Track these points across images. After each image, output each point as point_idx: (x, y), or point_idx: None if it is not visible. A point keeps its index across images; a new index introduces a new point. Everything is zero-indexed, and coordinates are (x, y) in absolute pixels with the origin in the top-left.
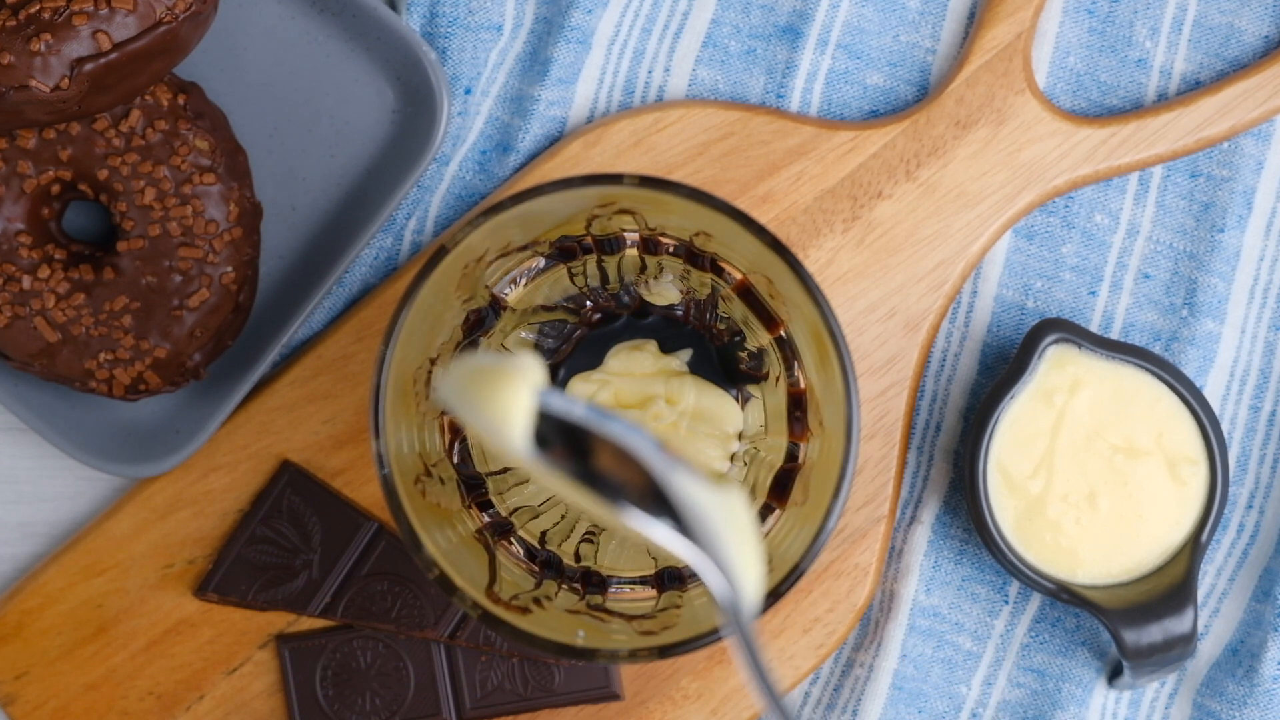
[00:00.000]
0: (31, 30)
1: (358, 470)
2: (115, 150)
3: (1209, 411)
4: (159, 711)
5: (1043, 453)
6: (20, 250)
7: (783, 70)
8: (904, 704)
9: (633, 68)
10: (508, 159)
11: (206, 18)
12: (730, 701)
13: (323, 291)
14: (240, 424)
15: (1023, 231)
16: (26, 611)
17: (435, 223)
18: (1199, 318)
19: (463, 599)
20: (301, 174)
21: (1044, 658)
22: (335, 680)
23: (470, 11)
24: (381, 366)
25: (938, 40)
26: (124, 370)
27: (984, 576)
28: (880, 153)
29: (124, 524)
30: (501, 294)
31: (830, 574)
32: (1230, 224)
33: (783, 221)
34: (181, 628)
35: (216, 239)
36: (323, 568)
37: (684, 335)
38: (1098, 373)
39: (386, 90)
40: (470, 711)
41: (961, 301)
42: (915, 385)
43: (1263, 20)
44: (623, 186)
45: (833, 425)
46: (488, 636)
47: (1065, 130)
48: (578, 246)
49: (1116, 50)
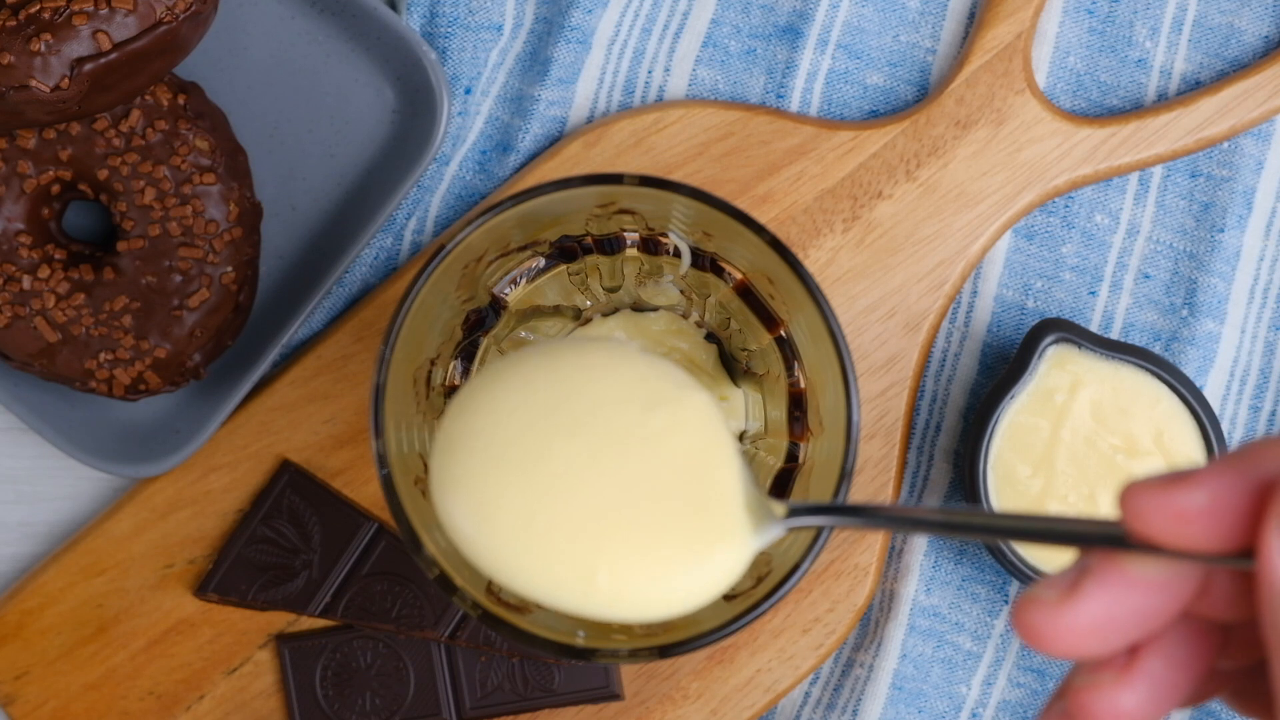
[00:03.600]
0: (31, 30)
1: (358, 470)
2: (115, 150)
3: (1209, 411)
4: (159, 711)
5: (1043, 453)
6: (20, 250)
7: (783, 70)
8: (904, 704)
9: (633, 68)
10: (508, 159)
11: (206, 18)
12: (730, 701)
13: (323, 291)
14: (240, 424)
15: (1023, 231)
16: (26, 611)
17: (435, 223)
18: (1199, 318)
19: (463, 599)
20: (301, 174)
21: (1044, 658)
22: (335, 680)
23: (470, 11)
24: (381, 366)
25: (938, 40)
26: (124, 370)
27: (984, 576)
28: (880, 153)
29: (124, 524)
30: (501, 294)
31: (830, 574)
32: (1230, 224)
33: (783, 221)
34: (181, 628)
35: (216, 239)
36: (323, 568)
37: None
38: (1098, 373)
39: (386, 90)
40: (470, 711)
41: (961, 301)
42: (915, 385)
43: (1263, 20)
44: (623, 186)
45: (833, 425)
46: (488, 636)
47: (1065, 130)
48: (578, 246)
49: (1116, 50)
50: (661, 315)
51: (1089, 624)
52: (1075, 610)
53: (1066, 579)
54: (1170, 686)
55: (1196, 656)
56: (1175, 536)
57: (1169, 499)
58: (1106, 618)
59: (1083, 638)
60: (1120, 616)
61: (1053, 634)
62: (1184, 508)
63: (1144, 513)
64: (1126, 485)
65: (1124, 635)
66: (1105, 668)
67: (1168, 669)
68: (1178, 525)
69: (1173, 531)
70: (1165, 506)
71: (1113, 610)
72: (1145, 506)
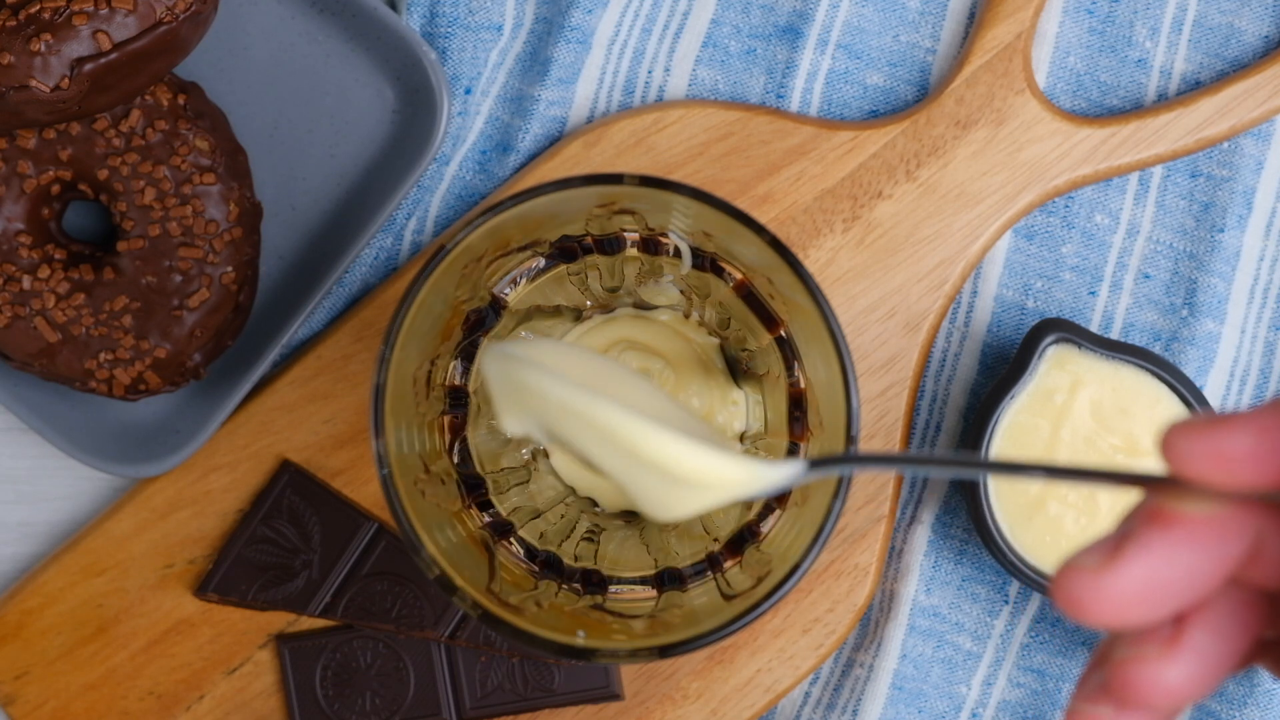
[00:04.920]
0: (31, 30)
1: (358, 470)
2: (115, 150)
3: (1209, 411)
4: (159, 711)
5: (1042, 453)
6: (20, 250)
7: (783, 70)
8: (904, 704)
9: (633, 68)
10: (508, 159)
11: (206, 18)
12: (730, 701)
13: (323, 291)
14: (240, 424)
15: (1023, 231)
16: (26, 611)
17: (435, 223)
18: (1199, 318)
19: (463, 599)
20: (301, 174)
21: (1044, 658)
22: (335, 680)
23: (470, 11)
24: (381, 366)
25: (938, 40)
26: (124, 370)
27: (984, 576)
28: (880, 153)
29: (124, 524)
30: (501, 294)
31: (830, 574)
32: (1230, 224)
33: (783, 221)
34: (181, 628)
35: (216, 239)
36: (323, 568)
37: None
38: (1098, 373)
39: (386, 90)
40: (470, 711)
41: (961, 301)
42: (915, 385)
43: (1263, 20)
44: (623, 186)
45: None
46: (488, 636)
47: (1065, 130)
48: (578, 246)
49: (1116, 50)
50: (663, 313)
51: (1135, 589)
52: (1120, 575)
53: (1108, 544)
54: (1217, 659)
55: (1245, 627)
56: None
57: (1214, 441)
58: (1153, 581)
59: (1129, 605)
60: (1168, 580)
61: (1096, 602)
62: (1230, 449)
63: (1189, 455)
64: (1169, 428)
65: (1172, 601)
66: (1149, 639)
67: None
68: (1225, 467)
69: (1220, 473)
70: (1211, 449)
71: (1159, 573)
72: (1190, 449)
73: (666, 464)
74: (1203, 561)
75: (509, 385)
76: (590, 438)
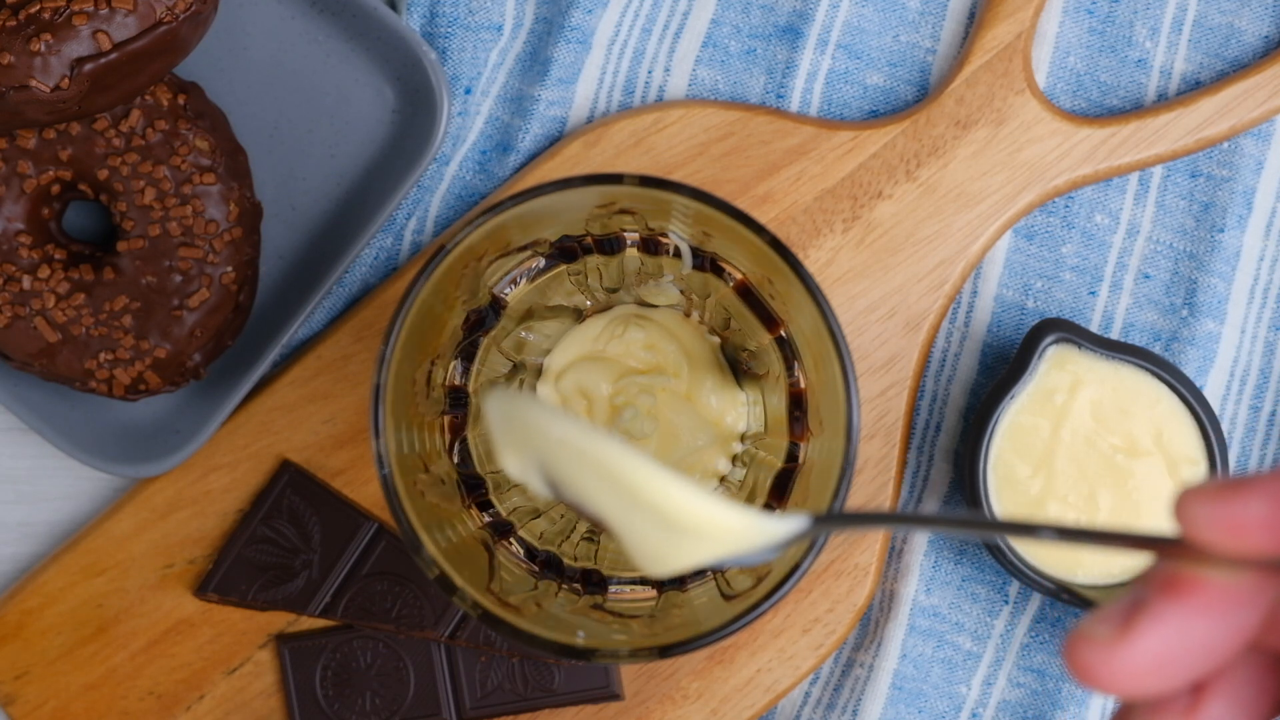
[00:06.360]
0: (31, 30)
1: (358, 470)
2: (115, 150)
3: (1209, 411)
4: (159, 711)
5: (1042, 453)
6: (20, 250)
7: (783, 70)
8: (904, 704)
9: (633, 68)
10: (508, 159)
11: (206, 18)
12: (730, 701)
13: (323, 291)
14: (240, 424)
15: (1023, 231)
16: (26, 611)
17: (435, 223)
18: (1199, 318)
19: (463, 599)
20: (301, 174)
21: (1044, 658)
22: (335, 680)
23: (470, 11)
24: (381, 366)
25: (938, 40)
26: (124, 370)
27: (984, 576)
28: (880, 153)
29: (124, 524)
30: (501, 294)
31: (830, 574)
32: (1230, 224)
33: (783, 221)
34: (181, 628)
35: (216, 239)
36: (323, 568)
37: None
38: (1098, 373)
39: (386, 90)
40: (470, 711)
41: (961, 301)
42: (915, 385)
43: (1263, 20)
44: (623, 186)
45: (833, 425)
46: (488, 636)
47: (1065, 130)
48: (578, 246)
49: (1116, 50)
50: (664, 312)
51: (1150, 661)
52: (1133, 646)
53: (1119, 612)
54: None
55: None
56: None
57: (1227, 508)
58: (1168, 652)
59: (1144, 676)
60: (1183, 650)
61: (1110, 674)
62: (1244, 517)
63: (1203, 522)
64: (1181, 494)
65: (1188, 671)
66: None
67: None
68: (1239, 534)
69: (1234, 540)
70: (1224, 516)
71: (1174, 644)
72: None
73: (667, 505)
74: (1218, 631)
75: (510, 422)
76: (589, 477)
